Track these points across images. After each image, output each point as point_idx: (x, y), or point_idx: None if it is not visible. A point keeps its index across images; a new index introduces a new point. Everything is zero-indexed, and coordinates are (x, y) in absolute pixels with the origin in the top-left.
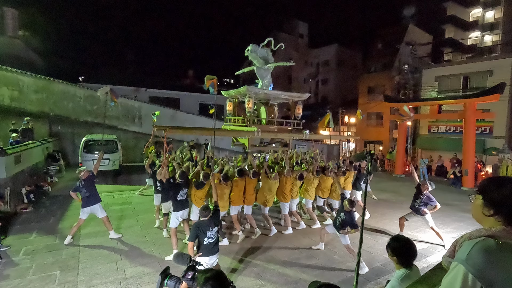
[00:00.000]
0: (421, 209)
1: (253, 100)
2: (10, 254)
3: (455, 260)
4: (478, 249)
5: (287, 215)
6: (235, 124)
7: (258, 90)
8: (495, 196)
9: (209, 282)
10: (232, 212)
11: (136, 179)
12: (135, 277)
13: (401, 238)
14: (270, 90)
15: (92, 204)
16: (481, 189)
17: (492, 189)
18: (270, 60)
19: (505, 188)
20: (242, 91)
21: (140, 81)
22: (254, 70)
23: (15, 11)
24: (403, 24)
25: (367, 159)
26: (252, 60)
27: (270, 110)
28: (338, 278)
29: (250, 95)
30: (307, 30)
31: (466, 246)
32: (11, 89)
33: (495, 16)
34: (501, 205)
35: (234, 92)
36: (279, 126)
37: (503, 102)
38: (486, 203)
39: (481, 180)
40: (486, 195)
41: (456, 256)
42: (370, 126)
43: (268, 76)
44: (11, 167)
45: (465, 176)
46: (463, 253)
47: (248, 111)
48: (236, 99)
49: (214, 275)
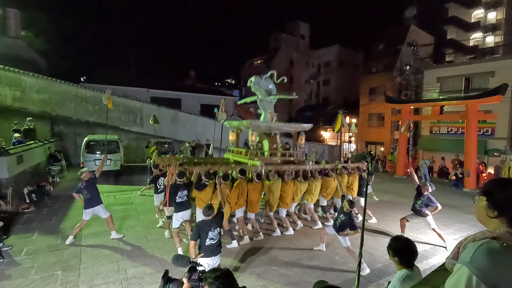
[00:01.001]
0: (422, 210)
1: (256, 134)
2: (12, 254)
3: (459, 262)
4: (482, 251)
5: (285, 218)
6: (238, 156)
7: (261, 123)
8: (499, 198)
9: (219, 280)
10: (237, 214)
11: (137, 179)
12: (137, 277)
13: (401, 238)
14: (273, 123)
15: (94, 206)
16: (485, 190)
17: (496, 191)
18: (273, 92)
19: (509, 189)
20: (245, 124)
21: (141, 82)
22: (256, 99)
23: (18, 11)
24: (405, 25)
25: (367, 159)
26: (254, 91)
27: (273, 140)
28: (339, 279)
29: (253, 128)
30: (308, 31)
31: (470, 248)
32: (13, 89)
33: (497, 17)
34: (505, 207)
35: (237, 123)
36: (283, 158)
37: (505, 103)
38: (490, 204)
39: (485, 182)
40: (490, 197)
41: (460, 258)
42: (371, 127)
43: (271, 108)
44: (13, 167)
45: (467, 177)
46: (467, 255)
47: (251, 144)
48: (239, 130)
49: (223, 273)
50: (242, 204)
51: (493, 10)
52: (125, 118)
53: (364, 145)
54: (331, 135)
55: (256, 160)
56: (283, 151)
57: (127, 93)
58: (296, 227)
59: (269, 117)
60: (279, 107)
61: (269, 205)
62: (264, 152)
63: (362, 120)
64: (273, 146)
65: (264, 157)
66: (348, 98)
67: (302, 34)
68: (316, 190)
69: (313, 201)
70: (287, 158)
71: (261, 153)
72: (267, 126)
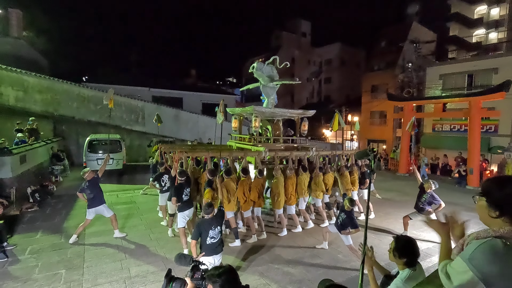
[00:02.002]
0: (425, 208)
1: (260, 119)
2: (16, 253)
3: (460, 256)
4: (483, 249)
5: (294, 215)
6: (241, 142)
7: (264, 109)
8: (499, 197)
9: (222, 278)
10: (245, 214)
11: (139, 178)
12: (140, 276)
13: (403, 238)
14: (276, 108)
15: (96, 205)
16: (484, 190)
17: (494, 190)
18: (275, 78)
19: (507, 187)
20: (249, 110)
21: (143, 81)
22: (259, 86)
23: (20, 12)
24: (407, 22)
25: (369, 157)
26: (257, 77)
27: (276, 127)
28: (342, 277)
29: (257, 114)
30: (310, 29)
31: (471, 245)
32: (16, 90)
33: (500, 13)
34: (505, 205)
35: (240, 110)
36: (286, 144)
37: (508, 100)
38: (490, 204)
39: (483, 182)
40: (489, 197)
41: (462, 253)
42: (373, 125)
43: (273, 94)
44: (17, 167)
45: (470, 175)
46: (467, 252)
47: (254, 130)
48: (241, 116)
49: (226, 270)
50: (250, 203)
51: (496, 6)
52: (127, 117)
53: (366, 143)
54: (333, 133)
55: (259, 146)
56: (286, 137)
57: (129, 92)
58: (307, 226)
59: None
60: (281, 105)
61: (276, 203)
62: (267, 138)
63: (364, 118)
64: (276, 132)
65: (267, 143)
66: (350, 96)
67: (303, 32)
68: (319, 184)
69: (320, 197)
70: (290, 144)
71: (264, 139)
72: (270, 112)
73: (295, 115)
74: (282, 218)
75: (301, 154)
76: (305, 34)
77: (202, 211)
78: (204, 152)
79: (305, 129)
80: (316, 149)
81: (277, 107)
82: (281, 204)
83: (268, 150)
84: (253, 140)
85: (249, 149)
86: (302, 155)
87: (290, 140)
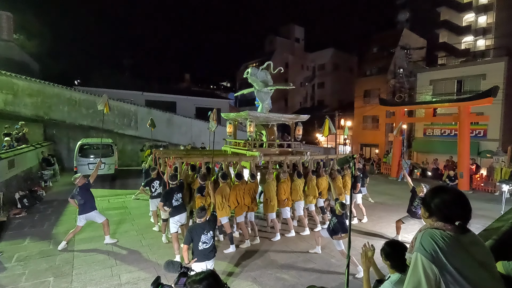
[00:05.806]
0: (417, 212)
1: (254, 124)
2: (2, 261)
3: (413, 251)
4: (426, 235)
5: (289, 219)
6: (236, 147)
7: (259, 114)
8: (429, 203)
9: (204, 283)
10: (238, 220)
11: (132, 183)
12: (131, 283)
13: (393, 242)
14: (270, 113)
15: (87, 211)
16: (423, 196)
17: (428, 198)
18: (269, 83)
19: (436, 197)
20: (243, 115)
21: (136, 85)
22: (253, 91)
23: (10, 14)
24: (398, 29)
25: (350, 163)
26: (251, 83)
27: (271, 131)
28: (335, 282)
29: (251, 119)
30: (303, 34)
31: (418, 237)
32: (5, 93)
33: (487, 21)
34: (433, 210)
35: (234, 115)
36: (280, 149)
37: (496, 105)
38: (424, 207)
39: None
40: (424, 201)
41: (414, 248)
42: (366, 129)
43: (268, 99)
44: (4, 171)
45: (460, 178)
46: (417, 243)
47: (249, 135)
48: (236, 121)
49: (208, 274)
50: (243, 208)
51: (483, 14)
52: (120, 122)
53: (359, 147)
54: (327, 138)
55: (254, 151)
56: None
57: (122, 96)
58: (303, 231)
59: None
60: (274, 109)
61: (268, 207)
62: (262, 142)
63: (357, 122)
64: (271, 137)
65: (262, 148)
66: (343, 101)
67: (297, 37)
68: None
69: (312, 202)
70: (285, 148)
71: (259, 144)
72: (265, 117)
73: (289, 120)
74: (275, 223)
75: (296, 159)
76: (298, 39)
77: (195, 215)
78: (198, 158)
79: (300, 133)
80: (311, 153)
81: (271, 112)
82: (274, 208)
83: (263, 154)
84: (247, 145)
85: (244, 154)
86: (296, 159)
87: (284, 144)
